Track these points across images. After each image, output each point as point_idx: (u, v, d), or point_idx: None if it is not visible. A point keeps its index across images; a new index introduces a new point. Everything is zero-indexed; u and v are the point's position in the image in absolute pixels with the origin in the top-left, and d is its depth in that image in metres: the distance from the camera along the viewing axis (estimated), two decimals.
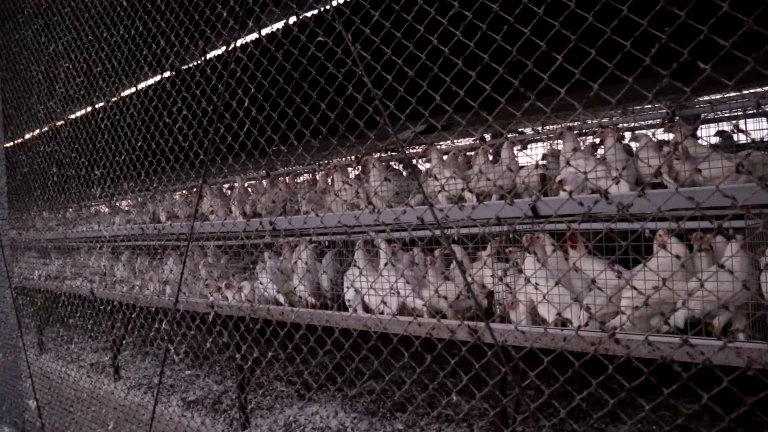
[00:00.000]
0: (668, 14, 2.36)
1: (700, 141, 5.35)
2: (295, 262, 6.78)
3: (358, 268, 5.77)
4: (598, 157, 5.38)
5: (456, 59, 2.98)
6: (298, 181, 8.67)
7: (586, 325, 4.31)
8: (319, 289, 6.42)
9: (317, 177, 8.00)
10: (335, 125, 3.69)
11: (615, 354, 3.67)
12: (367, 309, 5.80)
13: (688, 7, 2.30)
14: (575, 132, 5.92)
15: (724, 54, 2.16)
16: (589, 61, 2.58)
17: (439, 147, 7.34)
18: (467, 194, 5.63)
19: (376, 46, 3.40)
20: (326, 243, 7.21)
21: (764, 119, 5.79)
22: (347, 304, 5.95)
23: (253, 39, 4.36)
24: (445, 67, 3.11)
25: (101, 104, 6.50)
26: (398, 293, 5.32)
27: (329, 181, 7.26)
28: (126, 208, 11.29)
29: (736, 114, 6.02)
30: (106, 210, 11.49)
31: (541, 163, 6.28)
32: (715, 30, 2.19)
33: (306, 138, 3.98)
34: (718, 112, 5.81)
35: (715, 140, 5.58)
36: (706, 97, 6.08)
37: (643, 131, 5.71)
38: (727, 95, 5.83)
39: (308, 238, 6.92)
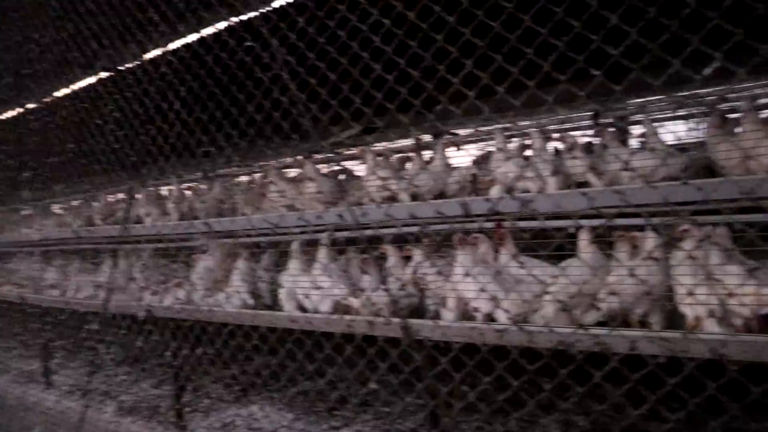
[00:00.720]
0: (602, 18, 2.50)
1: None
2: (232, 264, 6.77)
3: (293, 268, 5.84)
4: (527, 158, 5.55)
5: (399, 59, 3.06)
6: (237, 182, 8.63)
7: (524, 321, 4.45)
8: (257, 291, 6.43)
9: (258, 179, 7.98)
10: (270, 127, 3.75)
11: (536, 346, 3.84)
12: (303, 309, 5.86)
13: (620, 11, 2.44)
14: (506, 134, 6.08)
15: (654, 58, 2.31)
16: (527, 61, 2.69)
17: (374, 148, 7.42)
18: (402, 195, 5.74)
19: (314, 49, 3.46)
20: (265, 244, 7.19)
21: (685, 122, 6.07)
22: (281, 304, 6.02)
23: (185, 43, 4.38)
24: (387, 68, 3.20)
25: (31, 105, 6.38)
26: (331, 293, 5.40)
27: (267, 182, 7.29)
28: (59, 211, 11.02)
29: (664, 116, 6.27)
30: (37, 213, 11.19)
31: (472, 164, 6.43)
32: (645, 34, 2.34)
33: (234, 140, 4.03)
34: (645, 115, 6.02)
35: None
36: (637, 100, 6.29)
37: (571, 133, 5.89)
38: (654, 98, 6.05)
39: (245, 240, 6.93)
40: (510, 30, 2.71)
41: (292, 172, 7.14)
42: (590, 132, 6.02)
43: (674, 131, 5.91)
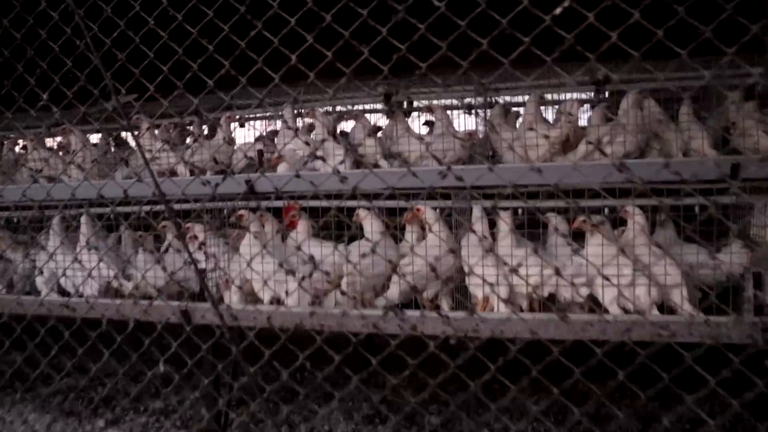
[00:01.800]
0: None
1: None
2: None
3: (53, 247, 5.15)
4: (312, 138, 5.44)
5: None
6: None
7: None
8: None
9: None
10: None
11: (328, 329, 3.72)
12: (64, 293, 5.21)
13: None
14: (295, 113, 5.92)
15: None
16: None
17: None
18: (180, 168, 5.34)
19: None
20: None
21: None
22: (39, 288, 5.31)
23: None
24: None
25: None
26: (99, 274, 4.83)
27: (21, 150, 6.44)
28: None
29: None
30: None
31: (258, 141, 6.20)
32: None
33: None
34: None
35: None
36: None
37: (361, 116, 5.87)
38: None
39: None
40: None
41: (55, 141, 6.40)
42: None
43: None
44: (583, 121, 5.30)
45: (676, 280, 3.81)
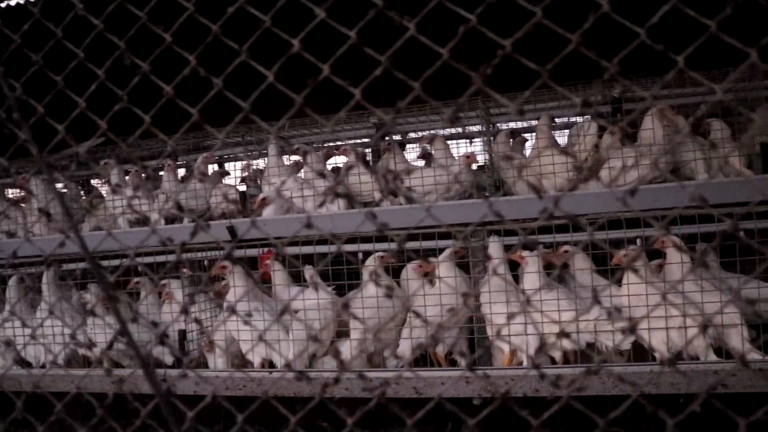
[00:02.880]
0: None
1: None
2: None
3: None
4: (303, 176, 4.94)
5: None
6: None
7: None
8: None
9: None
10: None
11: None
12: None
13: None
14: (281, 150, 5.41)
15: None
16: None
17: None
18: (153, 216, 4.80)
19: None
20: None
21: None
22: None
23: None
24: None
25: None
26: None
27: None
28: None
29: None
30: None
31: (240, 183, 5.69)
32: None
33: None
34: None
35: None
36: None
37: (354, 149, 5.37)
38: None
39: None
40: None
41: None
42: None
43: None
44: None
45: (734, 319, 3.27)
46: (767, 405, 1.35)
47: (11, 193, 6.08)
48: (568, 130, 5.03)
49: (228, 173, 5.98)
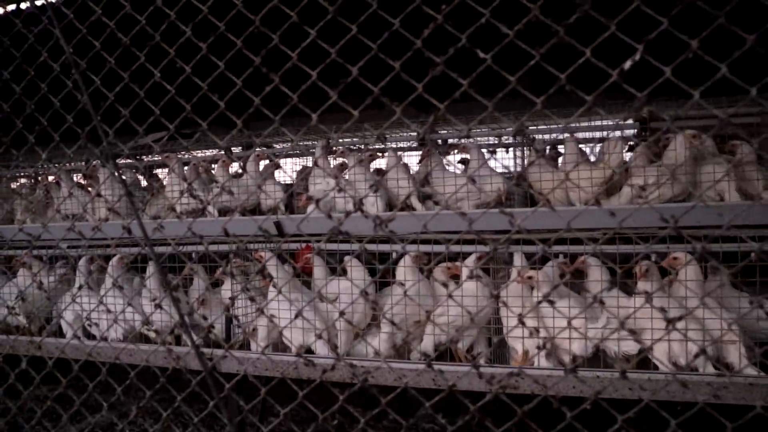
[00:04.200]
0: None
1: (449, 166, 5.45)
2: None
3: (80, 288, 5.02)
4: (347, 176, 5.27)
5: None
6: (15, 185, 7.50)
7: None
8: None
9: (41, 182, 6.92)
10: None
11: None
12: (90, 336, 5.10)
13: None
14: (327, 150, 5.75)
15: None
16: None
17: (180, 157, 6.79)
18: (209, 209, 5.20)
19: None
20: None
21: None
22: (64, 329, 5.19)
23: None
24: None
25: None
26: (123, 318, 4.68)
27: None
28: None
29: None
30: None
31: (289, 180, 6.07)
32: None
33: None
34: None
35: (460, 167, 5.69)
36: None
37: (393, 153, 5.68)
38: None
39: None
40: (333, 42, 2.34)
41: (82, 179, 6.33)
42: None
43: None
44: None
45: (732, 335, 3.52)
46: None
47: (79, 179, 6.59)
48: (597, 146, 5.25)
49: (279, 166, 6.33)
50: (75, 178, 6.64)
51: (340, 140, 6.24)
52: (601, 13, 1.80)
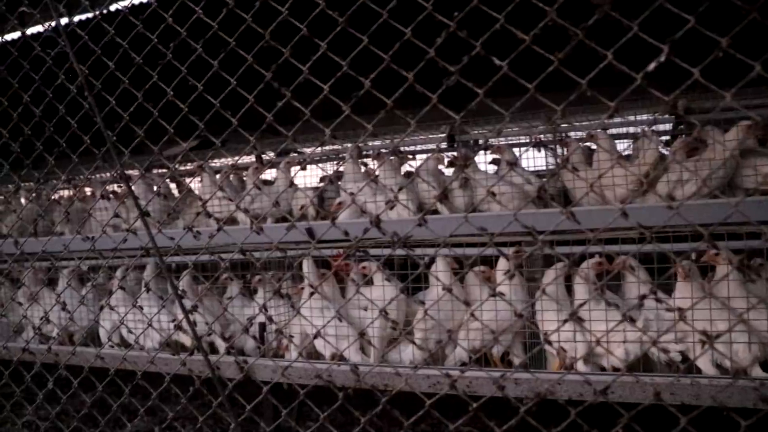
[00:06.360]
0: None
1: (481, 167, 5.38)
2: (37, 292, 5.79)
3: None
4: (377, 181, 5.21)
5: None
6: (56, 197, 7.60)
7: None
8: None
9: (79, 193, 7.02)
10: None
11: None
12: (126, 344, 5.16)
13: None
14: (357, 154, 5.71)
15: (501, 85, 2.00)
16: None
17: (213, 165, 6.83)
18: (240, 216, 5.20)
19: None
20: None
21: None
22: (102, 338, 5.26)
23: None
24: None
25: None
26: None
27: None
28: None
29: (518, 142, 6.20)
30: None
31: (319, 185, 6.04)
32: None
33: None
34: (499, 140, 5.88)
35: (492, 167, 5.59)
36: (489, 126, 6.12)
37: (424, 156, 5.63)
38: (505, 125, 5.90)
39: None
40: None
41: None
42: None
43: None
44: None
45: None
46: None
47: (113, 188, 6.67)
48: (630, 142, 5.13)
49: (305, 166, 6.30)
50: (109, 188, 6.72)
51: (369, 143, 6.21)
52: (621, 14, 1.73)
